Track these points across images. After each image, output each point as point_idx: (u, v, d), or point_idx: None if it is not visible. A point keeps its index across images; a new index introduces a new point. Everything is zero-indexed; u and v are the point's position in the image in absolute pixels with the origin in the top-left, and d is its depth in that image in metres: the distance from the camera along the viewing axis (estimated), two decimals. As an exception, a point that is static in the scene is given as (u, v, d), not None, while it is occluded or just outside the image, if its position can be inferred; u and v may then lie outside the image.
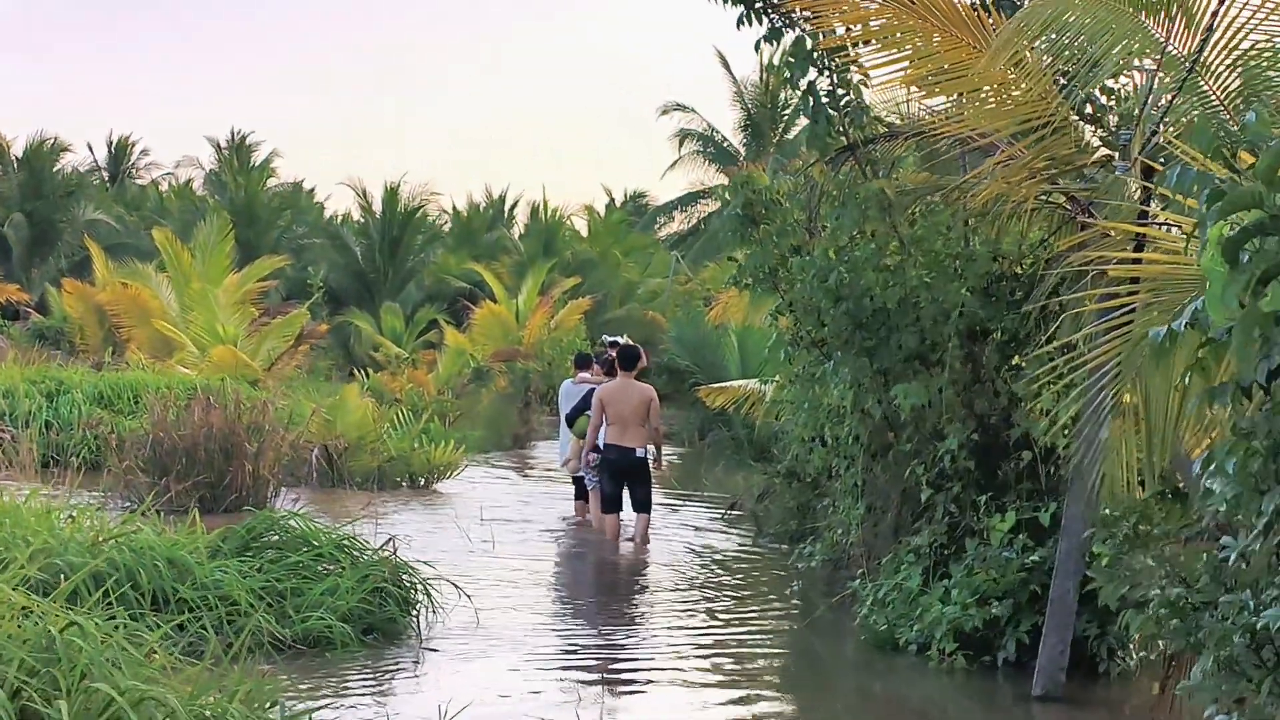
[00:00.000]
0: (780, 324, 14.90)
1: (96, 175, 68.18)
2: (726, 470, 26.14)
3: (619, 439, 17.45)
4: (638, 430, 17.48)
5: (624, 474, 17.57)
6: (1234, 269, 4.43)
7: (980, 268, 12.33)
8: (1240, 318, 4.41)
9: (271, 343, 32.02)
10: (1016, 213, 11.57)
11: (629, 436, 17.45)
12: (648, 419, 17.50)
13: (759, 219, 14.61)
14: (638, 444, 17.49)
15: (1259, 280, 4.39)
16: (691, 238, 57.98)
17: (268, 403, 20.53)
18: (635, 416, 17.44)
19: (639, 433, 17.50)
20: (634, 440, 17.46)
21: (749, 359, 28.67)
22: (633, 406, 17.45)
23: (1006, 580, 11.16)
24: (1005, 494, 12.01)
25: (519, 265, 52.58)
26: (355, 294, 52.08)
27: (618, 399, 17.50)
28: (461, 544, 16.58)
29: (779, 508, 18.23)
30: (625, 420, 17.46)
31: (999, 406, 12.28)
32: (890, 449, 13.15)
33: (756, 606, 14.17)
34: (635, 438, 17.47)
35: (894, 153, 13.48)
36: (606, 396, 17.55)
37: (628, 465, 17.48)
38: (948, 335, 12.41)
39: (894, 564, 12.51)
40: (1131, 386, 8.24)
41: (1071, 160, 10.31)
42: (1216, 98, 9.40)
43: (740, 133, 57.49)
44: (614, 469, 17.55)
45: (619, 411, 17.43)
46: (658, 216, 63.70)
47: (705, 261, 48.01)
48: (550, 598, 14.47)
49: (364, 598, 11.63)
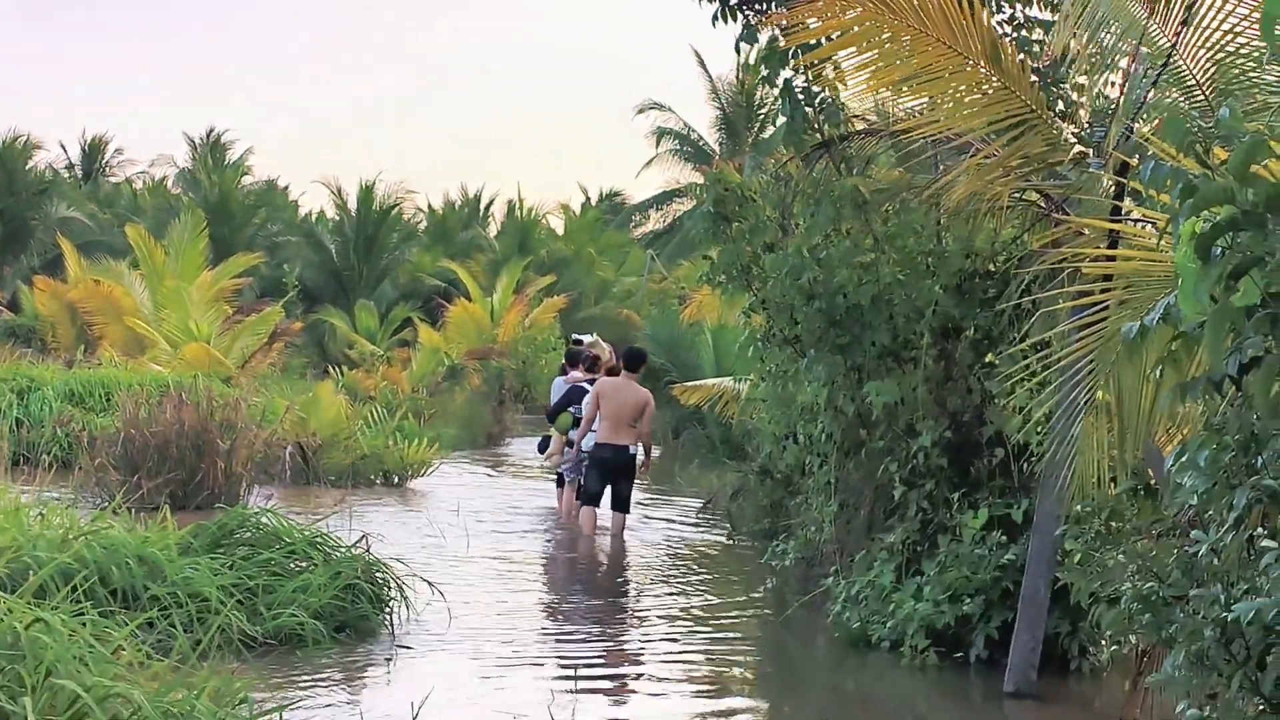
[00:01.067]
0: (753, 322, 14.88)
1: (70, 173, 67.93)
2: (701, 469, 26.12)
3: (612, 437, 17.61)
4: (628, 430, 17.66)
5: (613, 472, 17.72)
6: (1206, 264, 4.42)
7: (953, 265, 12.33)
8: (1212, 313, 4.40)
9: (245, 340, 31.91)
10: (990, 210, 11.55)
11: (621, 434, 17.63)
12: (639, 421, 17.57)
13: (731, 216, 14.58)
14: (629, 441, 17.66)
15: (1230, 275, 4.38)
16: (667, 236, 58.00)
17: (241, 400, 20.46)
18: (628, 416, 17.60)
19: (629, 432, 17.68)
20: (625, 438, 17.65)
21: (723, 357, 28.66)
22: (629, 406, 17.63)
23: (979, 577, 11.15)
24: (978, 491, 12.01)
25: (494, 263, 52.52)
26: (330, 292, 51.96)
27: (615, 396, 17.66)
28: (435, 541, 16.54)
29: (752, 506, 18.23)
30: (619, 418, 17.61)
31: (972, 404, 12.28)
32: (863, 446, 13.14)
33: (730, 604, 14.14)
34: (625, 435, 17.66)
35: (868, 150, 13.47)
36: (603, 390, 17.68)
37: (619, 463, 17.66)
38: (921, 333, 12.41)
39: (867, 561, 12.51)
40: (1104, 383, 8.23)
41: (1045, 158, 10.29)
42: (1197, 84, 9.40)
43: (716, 131, 57.51)
44: (605, 466, 17.70)
45: (614, 409, 17.57)
46: (633, 215, 63.72)
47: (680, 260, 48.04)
48: (524, 596, 14.42)
49: (336, 595, 11.58)
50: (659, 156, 57.75)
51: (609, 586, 15.28)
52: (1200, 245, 4.41)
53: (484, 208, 65.10)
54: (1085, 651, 10.87)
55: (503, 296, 44.12)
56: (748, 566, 16.18)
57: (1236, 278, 4.39)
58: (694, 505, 21.28)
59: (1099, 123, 10.48)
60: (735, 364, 23.66)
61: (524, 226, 58.89)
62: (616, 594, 14.81)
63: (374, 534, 12.98)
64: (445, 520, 18.20)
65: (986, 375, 11.98)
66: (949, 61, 9.93)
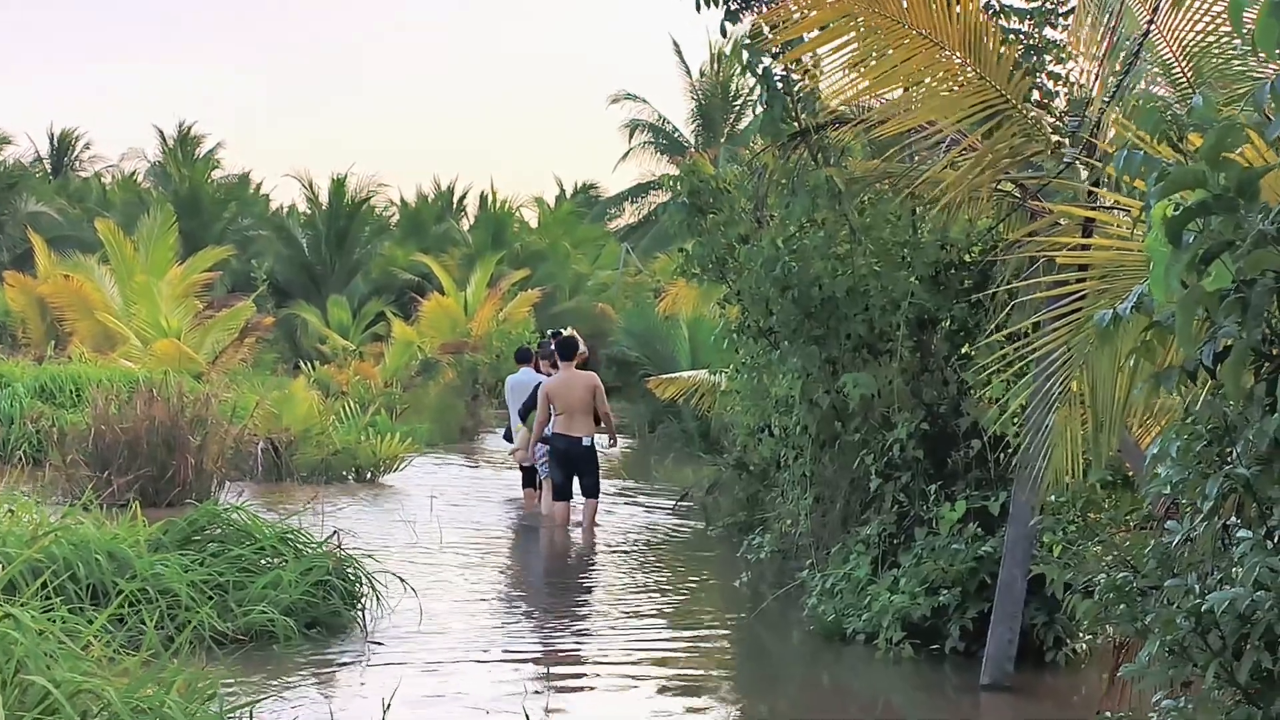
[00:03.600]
0: (728, 314, 14.89)
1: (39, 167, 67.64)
2: (676, 462, 26.14)
3: (566, 428, 17.92)
4: (584, 419, 17.98)
5: (572, 462, 17.98)
6: (1177, 249, 4.43)
7: (928, 256, 12.34)
8: (1182, 298, 4.41)
9: (216, 336, 31.83)
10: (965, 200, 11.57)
11: (576, 425, 17.92)
12: (594, 406, 17.74)
13: (706, 208, 14.57)
14: (584, 433, 17.95)
15: (1201, 259, 4.39)
16: (642, 229, 58.00)
17: (211, 396, 20.41)
18: (581, 405, 17.92)
19: (585, 421, 17.99)
20: (581, 429, 17.94)
21: (699, 350, 28.64)
22: (578, 396, 17.92)
23: (955, 570, 11.17)
24: (954, 483, 12.03)
25: (467, 257, 52.41)
26: (301, 286, 51.80)
27: (562, 391, 17.97)
28: (408, 537, 16.53)
29: (728, 499, 18.26)
30: (572, 410, 17.92)
31: (948, 395, 12.31)
32: (838, 439, 13.15)
33: (705, 598, 14.16)
34: (582, 426, 17.96)
35: (844, 140, 13.46)
36: (552, 390, 17.99)
37: (575, 453, 17.92)
38: (896, 324, 12.43)
39: (842, 554, 12.53)
40: (1079, 373, 8.25)
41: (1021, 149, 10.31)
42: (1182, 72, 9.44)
43: (692, 123, 57.51)
44: (562, 457, 18.02)
45: (566, 402, 17.91)
46: (608, 208, 63.68)
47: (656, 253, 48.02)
48: (497, 591, 14.42)
49: (307, 591, 11.58)
50: (634, 149, 57.77)
51: (583, 581, 15.29)
52: (1171, 229, 4.42)
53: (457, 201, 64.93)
54: (1062, 643, 10.90)
55: (476, 290, 44.05)
56: (723, 560, 16.19)
57: (1207, 262, 4.41)
58: (670, 499, 21.28)
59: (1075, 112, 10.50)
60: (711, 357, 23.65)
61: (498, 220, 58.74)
62: (590, 589, 14.81)
63: (346, 530, 12.99)
64: (418, 516, 18.18)
65: (963, 367, 12.00)
66: (926, 53, 9.94)
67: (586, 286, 53.30)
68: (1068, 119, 10.37)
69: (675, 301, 29.49)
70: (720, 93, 57.29)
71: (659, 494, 22.37)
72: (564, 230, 57.98)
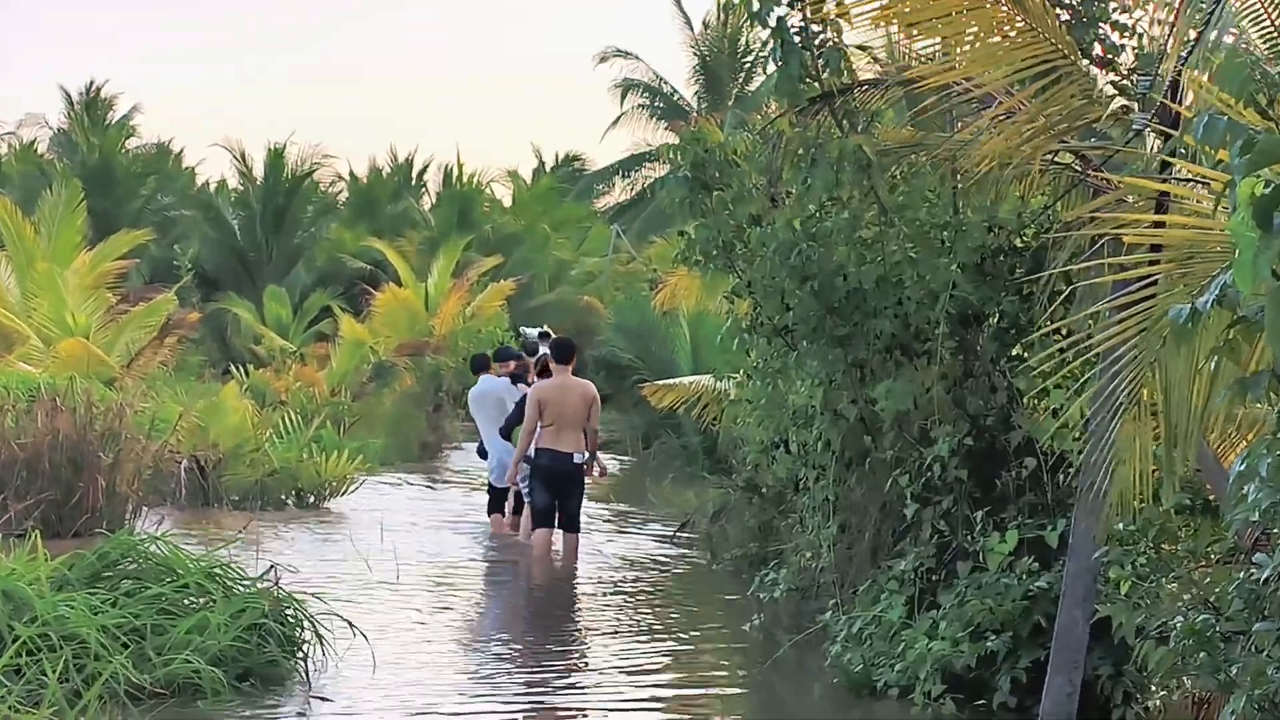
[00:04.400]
0: (737, 309, 14.88)
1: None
2: (676, 484, 26.12)
3: (554, 443, 17.72)
4: (574, 434, 17.82)
5: (559, 483, 17.82)
6: (1266, 233, 4.42)
7: (973, 240, 12.34)
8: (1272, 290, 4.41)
9: (131, 334, 31.75)
10: (1017, 175, 11.57)
11: (565, 440, 17.75)
12: (587, 420, 17.68)
13: (711, 183, 14.55)
14: (575, 448, 17.78)
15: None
16: (635, 208, 57.96)
17: (126, 405, 20.37)
18: (574, 417, 17.78)
19: (576, 436, 17.82)
20: (571, 444, 17.78)
21: (703, 351, 28.65)
22: (573, 406, 17.79)
23: (1005, 610, 11.16)
24: (1004, 509, 12.03)
25: (429, 242, 52.35)
26: (232, 276, 51.78)
27: (556, 398, 17.81)
28: (358, 572, 16.50)
29: (737, 528, 18.24)
30: (563, 422, 17.75)
31: (996, 405, 12.31)
32: (867, 456, 13.15)
33: (710, 644, 14.16)
34: (572, 441, 17.80)
35: (873, 104, 13.44)
36: (544, 395, 17.80)
37: (563, 472, 17.75)
38: (935, 321, 12.42)
39: (872, 593, 12.52)
40: (1150, 377, 8.24)
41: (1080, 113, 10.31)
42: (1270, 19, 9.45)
43: (694, 83, 57.51)
44: (548, 475, 17.81)
45: (558, 411, 17.71)
46: (595, 184, 63.65)
47: (651, 236, 47.98)
48: (464, 636, 14.41)
49: (239, 637, 11.56)
50: (626, 114, 57.75)
51: (566, 624, 15.28)
52: (1260, 210, 4.41)
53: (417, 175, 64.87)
54: (1131, 699, 10.88)
55: (439, 281, 44.01)
56: (731, 599, 16.19)
57: (1303, 249, 4.40)
58: (668, 527, 21.27)
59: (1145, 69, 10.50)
60: (716, 360, 23.65)
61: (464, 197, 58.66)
62: (575, 633, 14.81)
63: (284, 564, 12.95)
64: (370, 547, 18.15)
65: (1013, 371, 12.00)
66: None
67: (570, 276, 53.30)
68: (1136, 78, 10.37)
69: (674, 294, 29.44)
70: (728, 47, 57.27)
71: (656, 521, 22.36)
72: (543, 210, 57.93)
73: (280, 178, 53.10)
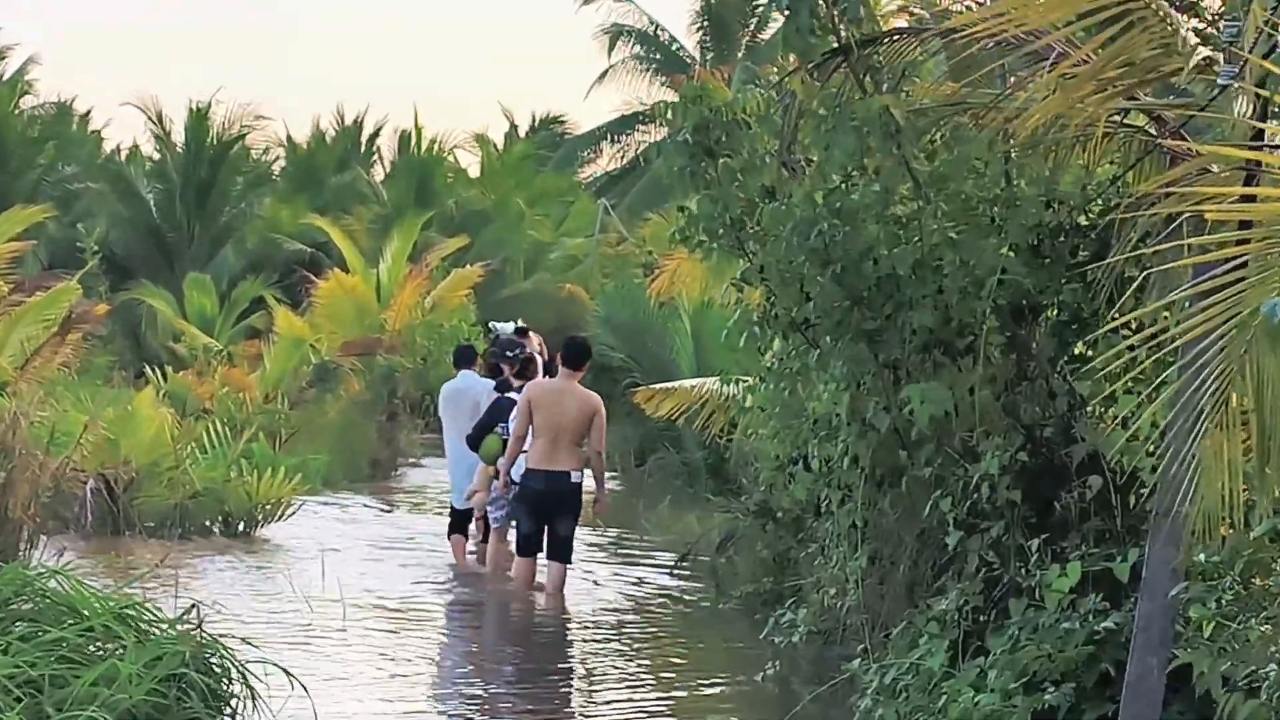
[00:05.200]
0: (747, 298, 14.89)
1: None
2: (675, 507, 26.12)
3: (548, 460, 17.76)
4: (571, 451, 17.83)
5: (550, 507, 17.90)
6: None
7: (1028, 218, 12.34)
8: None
9: (26, 330, 31.74)
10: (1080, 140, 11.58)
11: (561, 457, 17.78)
12: (587, 437, 17.69)
13: (717, 149, 14.55)
14: (572, 466, 17.82)
15: None
16: (626, 180, 58.00)
17: (21, 415, 20.37)
18: (572, 430, 17.81)
19: (573, 453, 17.84)
20: (566, 461, 17.81)
21: (706, 350, 28.69)
22: (571, 417, 17.80)
23: (1066, 657, 11.16)
24: (1065, 537, 12.03)
25: (381, 220, 52.38)
26: (148, 261, 51.75)
27: (552, 404, 17.84)
28: (297, 613, 16.51)
29: (748, 559, 18.26)
30: (559, 434, 17.76)
31: (1055, 413, 12.31)
32: (902, 475, 13.16)
33: (718, 695, 14.20)
34: (568, 458, 17.83)
35: (907, 55, 13.44)
36: (537, 397, 17.81)
37: (555, 496, 17.81)
38: (982, 313, 12.43)
39: (908, 637, 12.53)
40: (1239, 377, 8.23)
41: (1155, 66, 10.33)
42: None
43: (696, 31, 57.58)
44: (537, 500, 17.89)
45: (553, 420, 17.69)
46: (579, 150, 63.68)
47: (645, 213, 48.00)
48: (424, 689, 14.43)
49: (155, 690, 11.53)
50: (615, 67, 57.79)
51: (548, 671, 15.31)
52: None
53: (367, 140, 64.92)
54: (1217, 760, 10.92)
55: (394, 266, 44.00)
56: (742, 643, 16.21)
57: None
58: (667, 558, 21.29)
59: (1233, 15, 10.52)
60: (723, 359, 23.69)
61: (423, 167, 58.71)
62: (558, 682, 14.85)
63: (209, 604, 12.95)
64: (311, 582, 18.17)
65: (1075, 373, 12.00)
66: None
67: (549, 260, 53.37)
68: (1223, 24, 10.39)
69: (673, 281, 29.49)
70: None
71: (652, 551, 22.38)
72: (517, 182, 57.96)
73: (204, 144, 53.05)
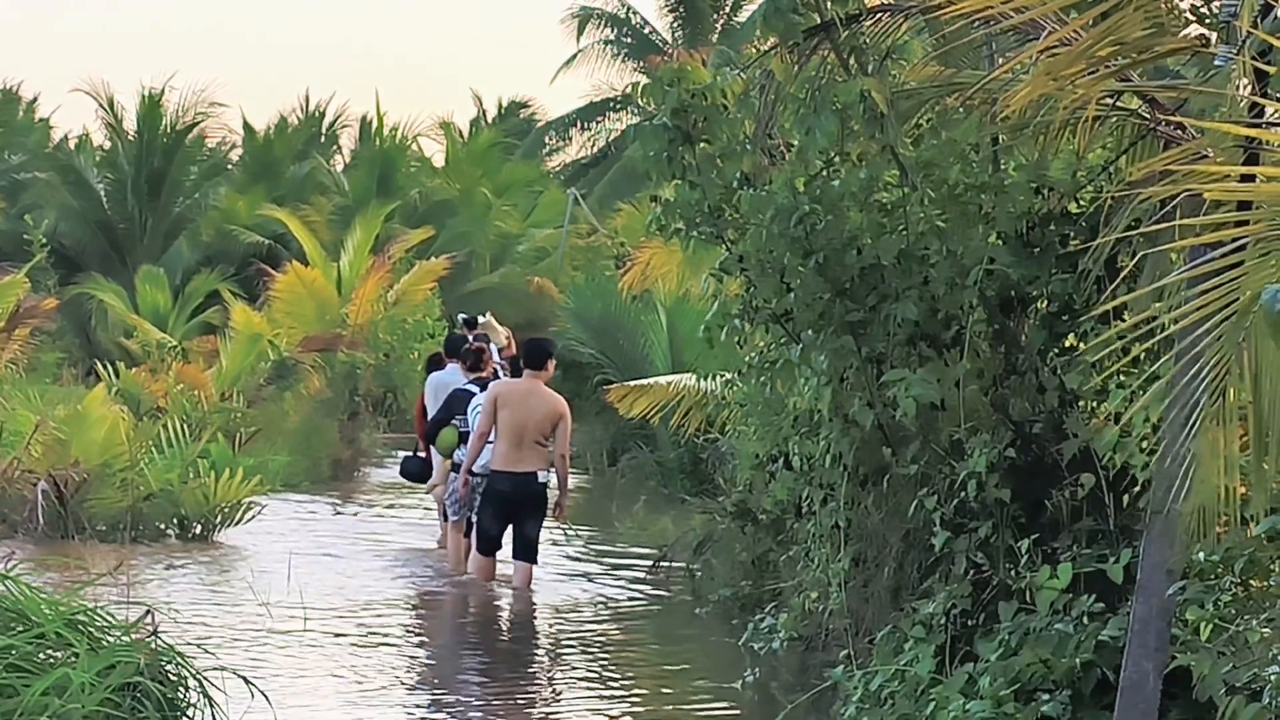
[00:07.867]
0: (725, 290, 14.89)
1: None
2: (650, 508, 26.16)
3: (512, 461, 18.04)
4: (536, 452, 18.12)
5: (515, 507, 18.18)
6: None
7: (1017, 205, 12.36)
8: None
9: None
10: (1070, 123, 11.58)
11: (526, 457, 18.07)
12: (550, 438, 17.91)
13: (694, 134, 14.54)
14: (538, 466, 18.11)
15: None
16: (598, 168, 58.01)
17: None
18: (537, 430, 18.10)
19: (537, 453, 18.12)
20: (532, 462, 18.10)
21: (682, 345, 28.70)
22: (536, 419, 18.11)
23: (1060, 662, 11.18)
24: (1056, 537, 12.05)
25: (342, 211, 52.37)
26: (98, 253, 51.70)
27: (518, 405, 18.08)
28: (255, 618, 16.50)
29: (726, 562, 18.27)
30: (523, 434, 18.03)
31: (1045, 408, 12.33)
32: (887, 473, 13.18)
33: (694, 704, 14.18)
34: (532, 458, 18.12)
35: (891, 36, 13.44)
36: (504, 395, 18.11)
37: (520, 496, 18.09)
38: (969, 304, 12.44)
39: (894, 642, 12.54)
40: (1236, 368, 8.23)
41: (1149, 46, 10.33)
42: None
43: (668, 13, 57.58)
44: (502, 501, 18.19)
45: (517, 420, 17.95)
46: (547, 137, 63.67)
47: (617, 202, 48.07)
48: (389, 697, 14.42)
49: (108, 700, 11.52)
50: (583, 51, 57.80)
51: (515, 680, 15.30)
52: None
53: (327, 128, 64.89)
54: (1216, 767, 10.93)
55: (355, 259, 43.97)
56: (719, 650, 16.22)
57: None
58: (642, 561, 21.29)
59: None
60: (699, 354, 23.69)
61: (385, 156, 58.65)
62: (529, 690, 14.85)
63: (164, 609, 12.93)
64: (272, 586, 18.14)
65: (1067, 366, 12.01)
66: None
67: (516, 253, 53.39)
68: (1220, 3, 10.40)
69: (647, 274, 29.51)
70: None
71: (626, 554, 22.38)
72: (483, 171, 57.93)
73: (157, 132, 52.95)
